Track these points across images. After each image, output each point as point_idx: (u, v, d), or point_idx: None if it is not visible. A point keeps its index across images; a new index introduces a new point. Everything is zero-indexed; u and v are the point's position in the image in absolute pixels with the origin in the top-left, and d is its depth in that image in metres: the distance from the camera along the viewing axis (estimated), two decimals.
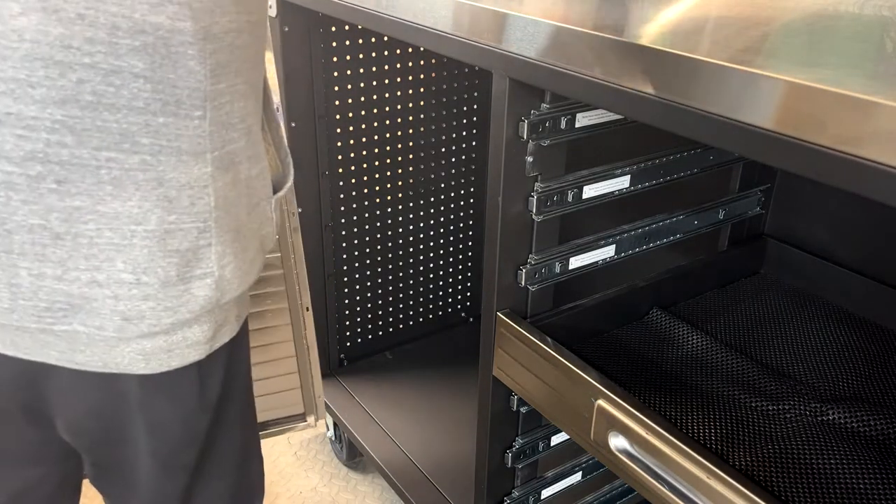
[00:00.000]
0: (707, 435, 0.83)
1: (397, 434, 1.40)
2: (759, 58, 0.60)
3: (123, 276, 0.58)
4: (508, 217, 0.86)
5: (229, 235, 0.62)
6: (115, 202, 0.56)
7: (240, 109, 0.61)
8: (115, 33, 0.52)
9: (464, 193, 1.62)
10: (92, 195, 0.55)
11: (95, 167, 0.55)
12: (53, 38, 0.51)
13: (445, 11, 0.84)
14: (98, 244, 0.57)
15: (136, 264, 0.58)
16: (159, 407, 0.66)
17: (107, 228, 0.56)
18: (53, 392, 0.65)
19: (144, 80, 0.54)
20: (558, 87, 0.73)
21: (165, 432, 0.68)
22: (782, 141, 0.54)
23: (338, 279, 1.53)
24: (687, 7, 0.81)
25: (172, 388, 0.66)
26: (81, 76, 0.52)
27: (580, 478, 1.10)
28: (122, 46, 0.52)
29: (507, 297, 0.91)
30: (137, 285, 0.58)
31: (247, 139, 0.63)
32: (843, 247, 1.08)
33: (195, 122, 0.57)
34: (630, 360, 0.96)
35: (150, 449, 0.68)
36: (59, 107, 0.52)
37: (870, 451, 0.82)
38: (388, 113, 1.46)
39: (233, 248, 0.63)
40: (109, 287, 0.58)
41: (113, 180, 0.55)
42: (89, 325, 0.59)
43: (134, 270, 0.58)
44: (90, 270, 0.57)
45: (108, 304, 0.58)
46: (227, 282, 0.63)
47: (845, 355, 0.99)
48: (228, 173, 0.61)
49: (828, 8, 0.77)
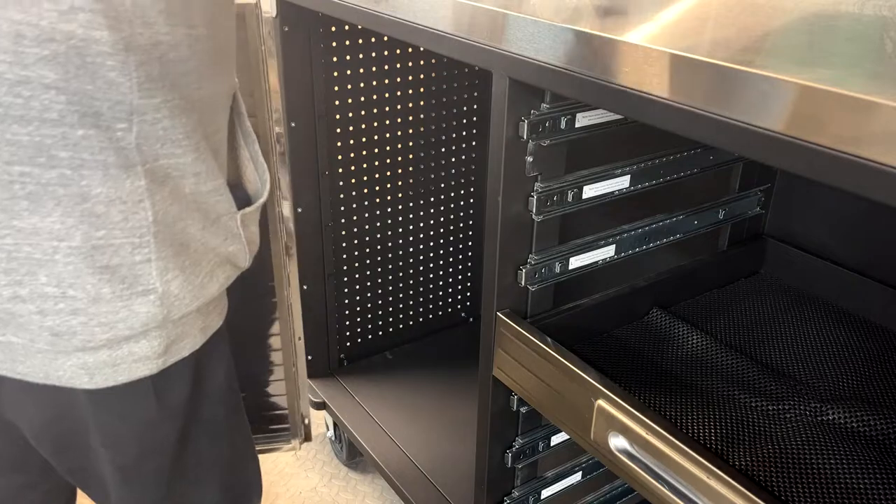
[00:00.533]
0: (707, 435, 0.83)
1: (397, 434, 1.40)
2: (759, 58, 0.60)
3: (47, 290, 0.56)
4: (508, 217, 0.86)
5: (172, 250, 0.59)
6: (34, 217, 0.54)
7: (182, 125, 0.58)
8: (20, 41, 0.49)
9: (464, 193, 1.62)
10: (6, 210, 0.53)
11: (8, 182, 0.52)
12: None
13: (445, 11, 0.84)
14: (17, 258, 0.54)
15: (60, 279, 0.56)
16: (110, 420, 0.64)
17: (25, 244, 0.54)
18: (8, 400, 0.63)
19: (57, 90, 0.51)
20: (558, 87, 0.73)
21: (121, 444, 0.66)
22: (782, 141, 0.54)
23: (338, 279, 1.53)
24: (687, 7, 0.81)
25: (123, 401, 0.63)
26: None
27: (580, 478, 1.10)
28: (28, 55, 0.49)
29: (507, 297, 0.91)
30: (64, 299, 0.56)
31: (195, 155, 0.60)
32: (843, 247, 1.08)
33: (118, 135, 0.54)
34: (630, 360, 0.96)
35: (109, 458, 0.66)
36: None
37: (870, 451, 0.82)
38: (388, 113, 1.46)
39: (177, 262, 0.60)
40: (34, 302, 0.56)
41: (28, 195, 0.53)
42: (21, 336, 0.57)
43: (59, 285, 0.56)
44: (11, 286, 0.55)
45: (34, 320, 0.56)
46: (175, 297, 0.60)
47: (845, 355, 0.99)
48: (165, 187, 0.58)
49: (828, 8, 0.77)
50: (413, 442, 1.38)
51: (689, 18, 0.76)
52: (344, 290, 1.55)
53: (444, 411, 1.47)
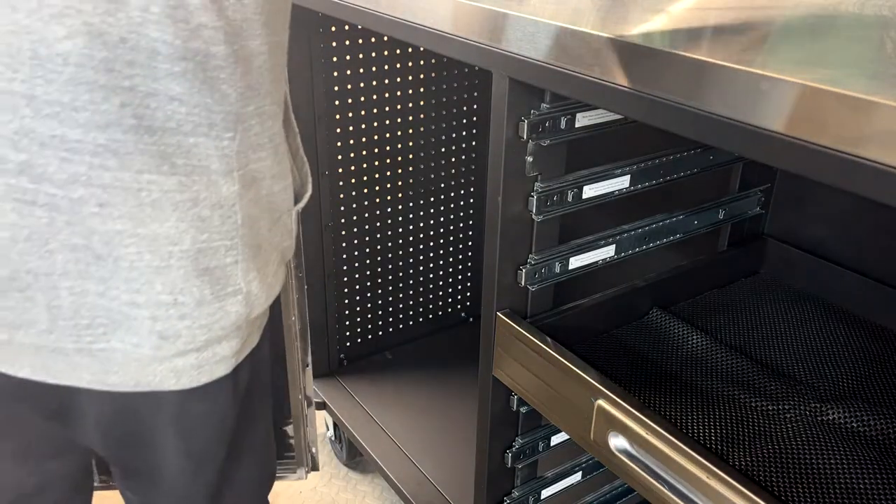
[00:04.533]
0: (707, 435, 0.83)
1: (397, 434, 1.40)
2: (759, 57, 0.60)
3: (162, 298, 0.58)
4: (508, 217, 0.86)
5: (251, 251, 0.62)
6: (154, 224, 0.56)
7: (268, 129, 0.61)
8: (154, 57, 0.52)
9: (464, 193, 1.62)
10: (133, 218, 0.55)
11: (136, 190, 0.55)
12: (98, 61, 0.51)
13: (445, 11, 0.84)
14: (138, 268, 0.57)
15: (173, 286, 0.58)
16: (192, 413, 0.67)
17: (147, 251, 0.57)
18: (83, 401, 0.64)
19: (179, 102, 0.54)
20: (558, 87, 0.73)
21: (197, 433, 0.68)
22: (782, 141, 0.54)
23: (338, 279, 1.53)
24: (687, 6, 0.81)
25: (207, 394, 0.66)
26: (123, 100, 0.52)
27: (580, 478, 1.10)
28: (160, 70, 0.52)
29: (507, 297, 0.91)
30: (175, 306, 0.59)
31: (273, 157, 0.63)
32: (843, 247, 1.08)
33: (225, 143, 0.57)
34: (630, 360, 0.96)
35: (183, 449, 0.69)
36: (103, 131, 0.52)
37: (870, 451, 0.82)
38: (388, 113, 1.46)
39: (255, 263, 0.63)
40: (148, 308, 0.58)
41: (153, 203, 0.56)
42: (127, 342, 0.59)
43: (171, 292, 0.58)
44: (130, 293, 0.57)
45: (146, 325, 0.58)
46: (255, 297, 0.64)
47: (845, 355, 0.99)
48: (251, 190, 0.61)
49: (828, 8, 0.78)
50: (413, 442, 1.38)
51: (688, 18, 0.76)
52: (344, 290, 1.55)
53: (444, 411, 1.47)
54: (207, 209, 0.58)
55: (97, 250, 0.55)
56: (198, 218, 0.58)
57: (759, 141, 0.56)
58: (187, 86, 0.54)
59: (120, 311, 0.58)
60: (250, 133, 0.59)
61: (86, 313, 0.57)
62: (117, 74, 0.51)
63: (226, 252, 0.60)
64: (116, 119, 0.52)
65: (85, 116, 0.52)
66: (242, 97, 0.57)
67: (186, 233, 0.57)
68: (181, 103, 0.54)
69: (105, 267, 0.56)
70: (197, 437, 0.69)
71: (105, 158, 0.53)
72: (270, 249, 0.66)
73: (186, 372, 0.62)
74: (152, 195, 0.55)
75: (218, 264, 0.60)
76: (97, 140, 0.52)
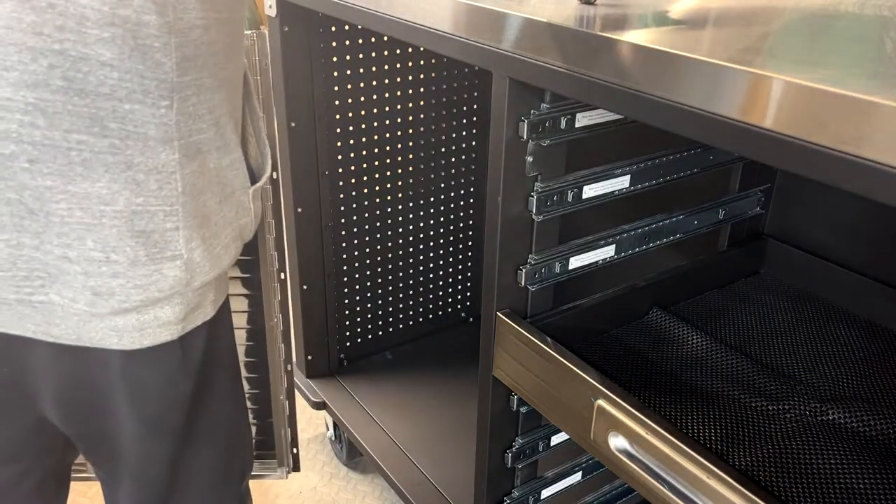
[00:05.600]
0: (707, 435, 0.83)
1: (397, 434, 1.40)
2: (759, 58, 0.60)
3: (93, 255, 0.61)
4: (508, 217, 0.86)
5: (197, 221, 0.65)
6: (85, 183, 0.59)
7: (206, 101, 0.64)
8: (83, 23, 0.55)
9: (464, 193, 1.62)
10: (63, 175, 0.58)
11: (66, 149, 0.58)
12: (26, 24, 0.54)
13: (445, 11, 0.84)
14: (69, 223, 0.60)
15: (105, 244, 0.61)
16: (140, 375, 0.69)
17: (77, 208, 0.59)
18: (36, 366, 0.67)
19: (111, 68, 0.57)
20: (558, 87, 0.73)
21: (148, 398, 0.70)
22: (782, 141, 0.54)
23: (338, 279, 1.53)
24: (687, 6, 0.81)
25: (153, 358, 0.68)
26: (52, 62, 0.55)
27: (580, 478, 1.10)
28: (90, 35, 0.55)
29: (506, 297, 0.91)
30: (107, 263, 0.61)
31: (215, 130, 0.66)
32: (843, 247, 1.08)
33: (162, 111, 0.60)
34: (630, 360, 0.96)
35: (134, 414, 0.71)
36: (32, 90, 0.55)
37: (870, 451, 0.82)
38: (388, 113, 1.46)
39: (201, 233, 0.66)
40: (80, 264, 0.61)
41: (83, 162, 0.58)
42: (64, 295, 0.62)
43: (103, 249, 0.61)
44: (62, 247, 0.60)
45: (79, 280, 0.61)
46: (197, 265, 0.66)
47: (845, 355, 0.99)
48: (195, 161, 0.64)
49: (828, 8, 0.78)
50: (413, 442, 1.38)
51: (689, 18, 0.76)
52: (344, 290, 1.55)
53: (444, 411, 1.47)
54: (142, 173, 0.61)
55: (29, 205, 0.58)
56: (132, 181, 0.60)
57: (759, 141, 0.56)
58: (118, 52, 0.56)
59: (55, 266, 0.61)
60: (188, 103, 0.62)
61: (23, 265, 0.61)
62: (46, 38, 0.54)
63: (165, 217, 0.63)
64: (45, 80, 0.55)
65: (14, 76, 0.54)
66: (178, 67, 0.60)
67: (120, 194, 0.60)
68: (113, 69, 0.57)
69: (38, 221, 0.59)
70: (148, 402, 0.70)
71: (34, 117, 0.56)
72: (222, 224, 0.69)
73: (128, 332, 0.65)
74: (82, 155, 0.58)
75: (156, 228, 0.62)
76: (27, 99, 0.55)
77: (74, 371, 0.67)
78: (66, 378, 0.68)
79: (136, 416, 0.71)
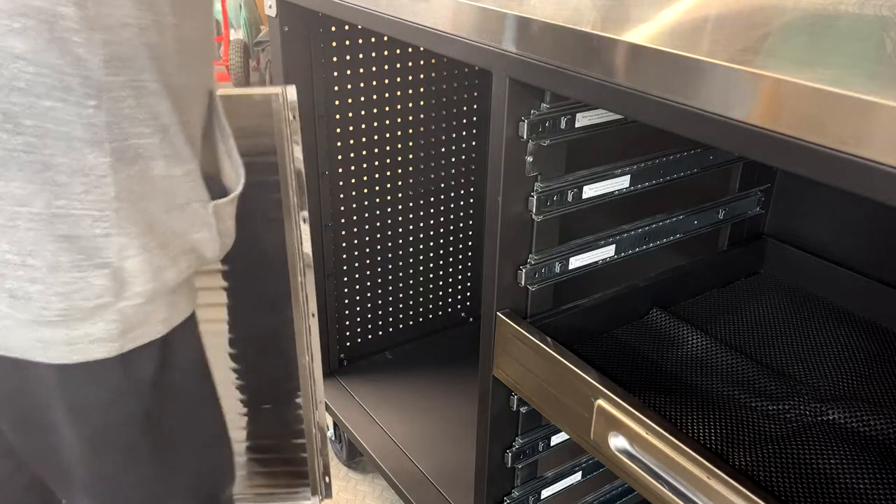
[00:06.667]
0: (707, 435, 0.83)
1: (397, 434, 1.40)
2: (759, 58, 0.60)
3: (8, 257, 0.58)
4: (508, 217, 0.86)
5: (137, 229, 0.61)
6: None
7: (148, 106, 0.60)
8: None
9: (464, 193, 1.62)
10: None
11: None
12: None
13: (445, 11, 0.84)
14: None
15: (21, 246, 0.58)
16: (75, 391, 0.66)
17: None
18: None
19: (25, 61, 0.53)
20: (558, 87, 0.73)
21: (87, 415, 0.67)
22: (782, 141, 0.54)
23: (338, 279, 1.53)
24: (687, 6, 0.81)
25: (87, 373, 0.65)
26: None
27: (580, 478, 1.10)
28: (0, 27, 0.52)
29: (507, 297, 0.91)
30: (23, 267, 0.58)
31: (161, 137, 0.62)
32: (843, 247, 1.08)
33: (89, 111, 0.56)
34: (630, 360, 0.96)
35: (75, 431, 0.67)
36: None
37: (870, 451, 0.82)
38: (388, 113, 1.46)
39: (140, 241, 0.62)
40: None
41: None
42: None
43: (19, 252, 0.58)
44: None
45: None
46: (130, 274, 0.62)
47: (845, 355, 0.99)
48: (133, 166, 0.60)
49: (828, 8, 0.78)
50: (413, 442, 1.38)
51: (689, 18, 0.76)
52: (344, 290, 1.55)
53: (444, 411, 1.47)
54: (65, 175, 0.57)
55: None
56: (52, 182, 0.57)
57: (759, 141, 0.56)
58: (31, 44, 0.53)
59: None
60: (121, 105, 0.58)
61: None
62: None
63: (93, 222, 0.59)
64: None
65: None
66: (107, 66, 0.56)
67: (37, 195, 0.56)
68: (27, 62, 0.53)
69: None
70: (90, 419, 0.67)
71: None
72: (170, 234, 0.64)
73: (55, 346, 0.61)
74: None
75: (83, 233, 0.59)
76: None
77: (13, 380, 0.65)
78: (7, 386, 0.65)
79: (77, 432, 0.67)
